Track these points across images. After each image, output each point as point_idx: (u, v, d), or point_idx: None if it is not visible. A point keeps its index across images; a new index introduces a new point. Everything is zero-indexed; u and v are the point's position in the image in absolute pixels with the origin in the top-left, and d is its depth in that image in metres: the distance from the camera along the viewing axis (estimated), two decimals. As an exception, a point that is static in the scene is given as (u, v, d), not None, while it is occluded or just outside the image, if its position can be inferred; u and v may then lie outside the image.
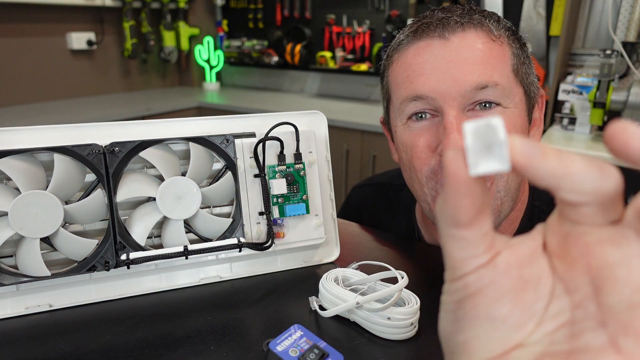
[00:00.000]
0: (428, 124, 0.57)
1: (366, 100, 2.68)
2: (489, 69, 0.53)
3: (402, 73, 0.57)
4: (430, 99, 0.54)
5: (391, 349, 0.43)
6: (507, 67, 0.55)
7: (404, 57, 0.57)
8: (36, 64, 2.40)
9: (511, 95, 0.55)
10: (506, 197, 0.57)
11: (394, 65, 0.59)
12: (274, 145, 0.55)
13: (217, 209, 0.55)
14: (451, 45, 0.54)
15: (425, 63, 0.55)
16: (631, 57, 1.66)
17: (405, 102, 0.57)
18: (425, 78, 0.55)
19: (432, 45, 0.55)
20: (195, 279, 0.54)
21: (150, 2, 2.76)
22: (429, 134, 0.56)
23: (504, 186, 0.56)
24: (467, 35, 0.54)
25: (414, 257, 0.62)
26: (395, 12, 2.42)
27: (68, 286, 0.50)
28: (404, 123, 0.59)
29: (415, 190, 0.61)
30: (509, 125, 0.55)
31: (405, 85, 0.57)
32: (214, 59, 3.07)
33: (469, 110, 0.55)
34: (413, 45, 0.57)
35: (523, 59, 0.58)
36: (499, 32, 0.56)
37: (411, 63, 0.56)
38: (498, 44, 0.55)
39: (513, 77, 0.56)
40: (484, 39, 0.55)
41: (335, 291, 0.47)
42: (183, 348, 0.43)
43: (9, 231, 0.45)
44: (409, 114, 0.58)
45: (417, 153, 0.57)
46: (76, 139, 0.49)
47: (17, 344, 0.44)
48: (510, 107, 0.55)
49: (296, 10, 2.76)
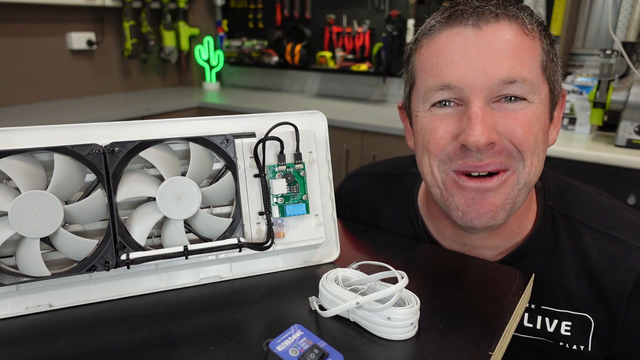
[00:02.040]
0: (452, 111, 0.57)
1: (366, 100, 2.68)
2: (518, 64, 0.53)
3: (432, 60, 0.57)
4: (458, 89, 0.54)
5: (391, 349, 0.43)
6: (537, 62, 0.55)
7: (435, 42, 0.57)
8: (36, 64, 2.40)
9: (537, 91, 0.55)
10: (523, 190, 0.57)
11: (422, 50, 0.59)
12: (274, 145, 0.55)
13: (217, 209, 0.55)
14: (484, 35, 0.53)
15: (456, 51, 0.54)
16: (631, 57, 1.66)
17: (431, 91, 0.57)
18: (455, 67, 0.54)
19: (465, 34, 0.54)
20: (195, 279, 0.54)
21: (150, 2, 2.77)
22: (451, 121, 0.56)
23: (525, 179, 0.56)
24: (500, 26, 0.54)
25: (414, 257, 0.62)
26: (395, 12, 2.42)
27: (68, 286, 0.50)
28: (427, 109, 0.58)
29: (425, 175, 0.61)
30: (533, 119, 0.54)
31: (434, 73, 0.56)
32: (214, 59, 3.08)
33: (495, 102, 0.55)
34: (445, 31, 0.56)
35: (552, 56, 0.57)
36: (532, 26, 0.55)
37: (441, 50, 0.56)
38: (530, 38, 0.55)
39: (541, 73, 0.56)
40: (517, 31, 0.54)
41: (335, 291, 0.47)
42: (183, 348, 0.43)
43: (9, 231, 0.45)
44: (433, 102, 0.57)
45: (436, 138, 0.57)
46: (76, 139, 0.49)
47: (17, 344, 0.44)
48: (536, 103, 0.55)
49: (296, 10, 2.76)
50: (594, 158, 1.60)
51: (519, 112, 0.54)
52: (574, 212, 0.64)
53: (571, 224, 0.63)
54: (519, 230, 0.64)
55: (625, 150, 1.63)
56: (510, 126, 0.54)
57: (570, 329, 0.62)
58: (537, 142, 0.55)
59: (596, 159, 1.59)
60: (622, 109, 1.65)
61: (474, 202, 0.57)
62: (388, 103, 2.61)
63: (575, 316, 0.62)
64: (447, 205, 0.59)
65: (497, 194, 0.56)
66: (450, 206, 0.59)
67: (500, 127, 0.54)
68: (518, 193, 0.57)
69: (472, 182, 0.57)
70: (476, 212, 0.57)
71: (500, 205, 0.56)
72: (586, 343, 0.62)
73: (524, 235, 0.65)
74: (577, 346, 0.62)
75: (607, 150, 1.62)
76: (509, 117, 0.54)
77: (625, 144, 1.65)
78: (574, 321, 0.62)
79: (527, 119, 0.54)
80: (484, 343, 0.44)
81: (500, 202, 0.56)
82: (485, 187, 0.56)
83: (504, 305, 0.50)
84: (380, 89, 2.64)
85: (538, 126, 0.55)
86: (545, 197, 0.65)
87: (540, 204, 0.65)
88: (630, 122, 1.63)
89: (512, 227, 0.64)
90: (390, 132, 2.00)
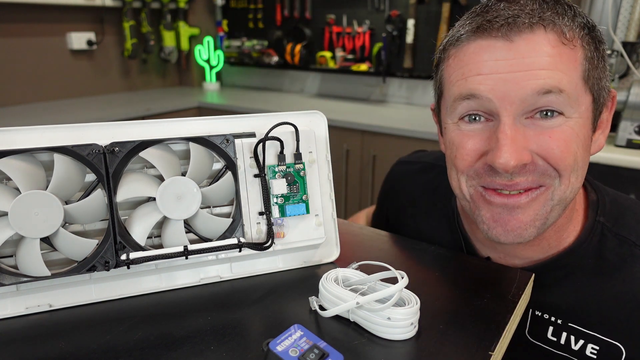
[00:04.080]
0: (481, 127, 0.53)
1: (366, 100, 2.68)
2: (555, 74, 0.48)
3: (458, 70, 0.53)
4: (486, 99, 0.50)
5: (391, 349, 0.43)
6: (577, 73, 0.50)
7: (462, 54, 0.53)
8: (36, 64, 2.40)
9: (576, 105, 0.50)
10: (557, 206, 0.53)
11: (450, 60, 0.55)
12: (274, 145, 0.55)
13: (217, 209, 0.55)
14: (516, 48, 0.49)
15: (484, 63, 0.50)
16: (631, 57, 1.66)
17: (458, 101, 0.53)
18: (483, 77, 0.50)
19: (495, 47, 0.50)
20: (195, 279, 0.54)
21: (150, 2, 2.77)
22: (479, 138, 0.53)
23: (560, 196, 0.53)
24: (535, 37, 0.49)
25: (414, 257, 0.62)
26: (395, 12, 2.42)
27: (68, 286, 0.50)
28: (455, 122, 0.55)
29: (453, 188, 0.59)
30: (571, 136, 0.50)
31: (460, 83, 0.53)
32: (214, 59, 3.08)
33: (527, 118, 0.50)
34: (473, 42, 0.52)
35: (596, 62, 0.52)
36: (571, 34, 0.50)
37: (469, 61, 0.52)
38: (569, 47, 0.49)
39: (582, 84, 0.51)
40: (553, 42, 0.49)
41: (335, 291, 0.47)
42: (183, 348, 0.43)
43: (9, 231, 0.45)
44: (461, 114, 0.54)
45: (463, 155, 0.54)
46: (76, 139, 0.49)
47: (17, 344, 0.44)
48: (574, 117, 0.50)
49: (296, 10, 2.76)
50: (594, 158, 1.59)
51: (555, 130, 0.50)
52: (628, 233, 0.58)
53: (623, 244, 0.58)
54: (557, 244, 0.60)
55: (625, 150, 1.63)
56: (545, 145, 0.50)
57: (597, 353, 0.58)
58: (576, 159, 0.51)
59: (596, 159, 1.59)
60: (622, 109, 1.65)
61: (500, 217, 0.54)
62: (388, 103, 2.61)
63: (605, 342, 0.57)
64: (475, 217, 0.57)
65: (526, 210, 0.53)
66: (477, 218, 0.57)
67: (534, 146, 0.50)
68: (551, 209, 0.53)
69: (499, 198, 0.53)
70: (502, 229, 0.54)
71: (529, 222, 0.53)
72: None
73: (562, 249, 0.61)
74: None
75: (607, 150, 1.62)
76: (544, 135, 0.50)
77: (625, 144, 1.65)
78: (602, 347, 0.58)
79: (565, 136, 0.50)
80: (484, 343, 0.44)
81: (529, 219, 0.53)
82: (514, 203, 0.53)
83: (504, 305, 0.50)
84: (380, 89, 2.64)
85: (577, 143, 0.51)
86: (597, 212, 0.60)
87: (591, 218, 0.60)
88: (630, 122, 1.63)
89: (548, 240, 0.60)
90: (391, 132, 2.00)
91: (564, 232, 0.60)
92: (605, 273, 0.58)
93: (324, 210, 0.58)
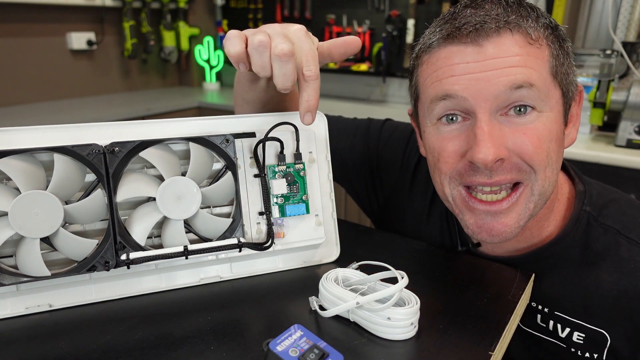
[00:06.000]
0: (458, 127, 0.55)
1: (366, 100, 2.68)
2: (524, 70, 0.51)
3: (432, 74, 0.55)
4: (462, 98, 0.52)
5: (391, 349, 0.43)
6: (545, 69, 0.53)
7: (434, 59, 0.55)
8: (36, 64, 2.40)
9: (547, 99, 0.53)
10: (539, 200, 0.55)
11: (423, 66, 0.57)
12: (274, 145, 0.55)
13: (217, 209, 0.55)
14: (485, 52, 0.51)
15: (457, 66, 0.52)
16: (631, 57, 1.66)
17: (435, 102, 0.55)
18: (456, 78, 0.52)
19: (465, 52, 0.52)
20: (195, 279, 0.54)
21: (150, 2, 2.77)
22: (458, 140, 0.55)
23: (539, 190, 0.55)
24: (502, 40, 0.51)
25: (414, 257, 0.62)
26: (395, 12, 2.42)
27: (68, 286, 0.50)
28: (434, 124, 0.57)
29: (437, 190, 0.61)
30: (544, 132, 0.53)
31: (435, 85, 0.55)
32: (214, 59, 3.08)
33: (502, 115, 0.53)
34: (444, 49, 0.54)
35: (562, 59, 0.54)
36: (537, 34, 0.52)
37: (442, 65, 0.54)
38: (536, 47, 0.52)
39: (551, 79, 0.53)
40: (520, 43, 0.51)
41: (335, 291, 0.47)
42: (183, 348, 0.43)
43: (9, 231, 0.45)
44: (439, 115, 0.56)
45: (445, 158, 0.56)
46: (76, 139, 0.49)
47: (17, 344, 0.44)
48: (546, 112, 0.53)
49: (296, 10, 2.76)
50: (594, 158, 1.60)
51: (529, 127, 0.52)
52: (612, 222, 0.60)
53: (607, 233, 0.60)
54: (539, 233, 0.63)
55: (625, 150, 1.63)
56: (519, 142, 0.52)
57: (583, 339, 0.60)
58: (549, 155, 0.54)
59: (596, 159, 1.59)
60: (622, 109, 1.65)
61: (485, 223, 0.56)
62: (388, 103, 2.60)
63: (590, 329, 0.59)
64: (459, 219, 0.59)
65: (509, 214, 0.55)
66: (461, 222, 0.58)
67: (510, 143, 0.52)
68: (534, 205, 0.55)
69: (482, 205, 0.55)
70: (487, 233, 0.56)
71: (513, 224, 0.55)
72: (601, 352, 0.59)
73: (544, 237, 0.63)
74: (589, 354, 0.60)
75: (607, 150, 1.62)
76: (519, 132, 0.52)
77: (625, 144, 1.65)
78: (588, 334, 0.59)
79: (537, 133, 0.52)
80: (484, 343, 0.44)
81: (513, 221, 0.55)
82: (496, 210, 0.55)
83: (504, 305, 0.50)
84: (380, 89, 2.64)
85: (549, 138, 0.53)
86: (583, 202, 0.62)
87: (577, 207, 0.62)
88: (630, 122, 1.63)
89: (531, 230, 0.62)
90: (390, 132, 1.99)
91: (544, 222, 0.63)
92: (590, 262, 0.60)
93: (324, 210, 0.58)
